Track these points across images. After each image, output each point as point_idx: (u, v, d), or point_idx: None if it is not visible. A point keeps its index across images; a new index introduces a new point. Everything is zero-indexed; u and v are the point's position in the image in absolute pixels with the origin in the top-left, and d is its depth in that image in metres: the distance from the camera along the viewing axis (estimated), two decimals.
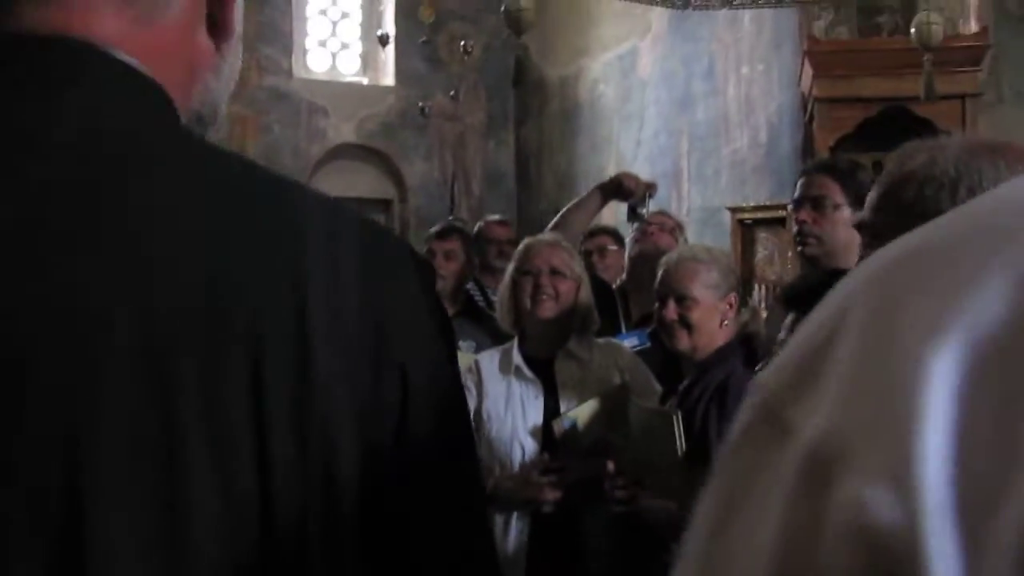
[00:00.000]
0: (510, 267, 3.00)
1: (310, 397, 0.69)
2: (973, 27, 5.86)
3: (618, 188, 3.74)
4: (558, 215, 3.82)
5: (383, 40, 10.55)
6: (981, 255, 0.36)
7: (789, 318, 1.83)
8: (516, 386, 2.86)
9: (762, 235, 6.14)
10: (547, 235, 3.22)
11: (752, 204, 6.58)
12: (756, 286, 6.11)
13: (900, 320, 0.36)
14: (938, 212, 1.13)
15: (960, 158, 1.12)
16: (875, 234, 1.19)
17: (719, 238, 7.32)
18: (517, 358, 2.89)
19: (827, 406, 0.36)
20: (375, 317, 0.73)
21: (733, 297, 2.52)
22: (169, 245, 0.68)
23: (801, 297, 1.82)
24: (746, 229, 6.24)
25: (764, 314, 3.07)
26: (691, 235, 8.50)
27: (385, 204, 11.16)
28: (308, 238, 0.72)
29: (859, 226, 1.26)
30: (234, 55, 0.83)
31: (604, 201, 3.81)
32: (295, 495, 0.68)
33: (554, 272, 2.87)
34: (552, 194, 10.45)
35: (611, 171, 9.69)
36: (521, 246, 3.03)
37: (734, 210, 6.45)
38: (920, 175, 1.13)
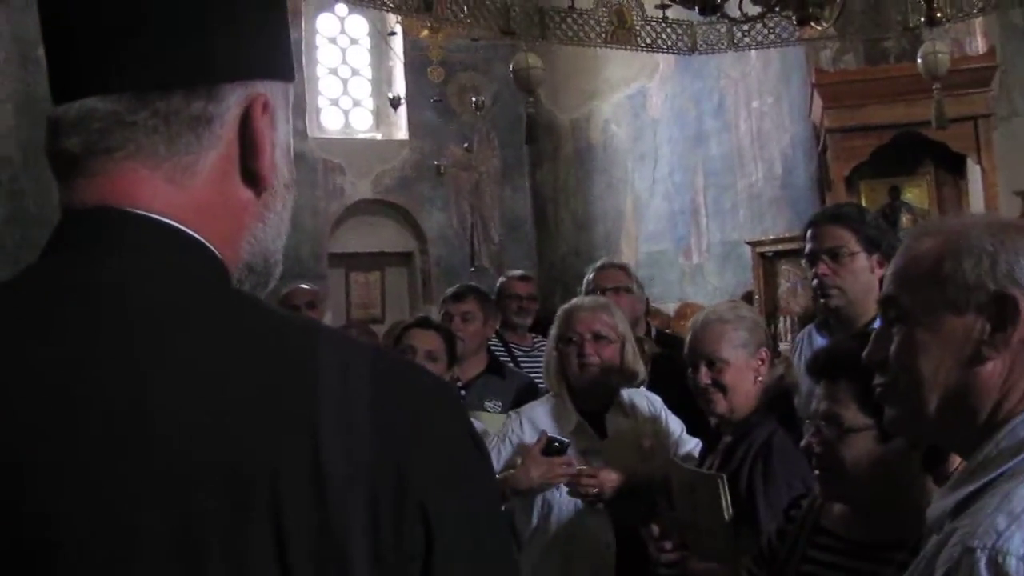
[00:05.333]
0: (552, 332, 2.99)
1: (330, 554, 0.69)
2: (980, 44, 5.85)
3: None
4: None
5: (395, 103, 10.69)
6: None
7: (818, 389, 1.80)
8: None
9: (784, 267, 6.13)
10: (587, 299, 3.15)
11: (772, 237, 6.59)
12: (780, 318, 6.10)
13: None
14: (979, 284, 1.12)
15: (992, 233, 1.16)
16: (905, 311, 1.19)
17: (740, 272, 7.33)
18: (576, 415, 2.90)
19: None
20: (393, 458, 0.72)
21: (764, 352, 2.46)
22: (191, 401, 0.71)
23: (827, 367, 1.80)
24: (767, 262, 6.24)
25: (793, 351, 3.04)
26: (712, 270, 8.53)
27: (406, 257, 11.24)
28: (321, 386, 0.72)
29: (884, 302, 1.24)
30: (281, 203, 0.86)
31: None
32: None
33: (597, 338, 2.87)
34: (571, 236, 10.49)
35: (628, 210, 9.80)
36: (561, 312, 2.99)
37: (754, 244, 6.46)
38: (956, 249, 1.16)
